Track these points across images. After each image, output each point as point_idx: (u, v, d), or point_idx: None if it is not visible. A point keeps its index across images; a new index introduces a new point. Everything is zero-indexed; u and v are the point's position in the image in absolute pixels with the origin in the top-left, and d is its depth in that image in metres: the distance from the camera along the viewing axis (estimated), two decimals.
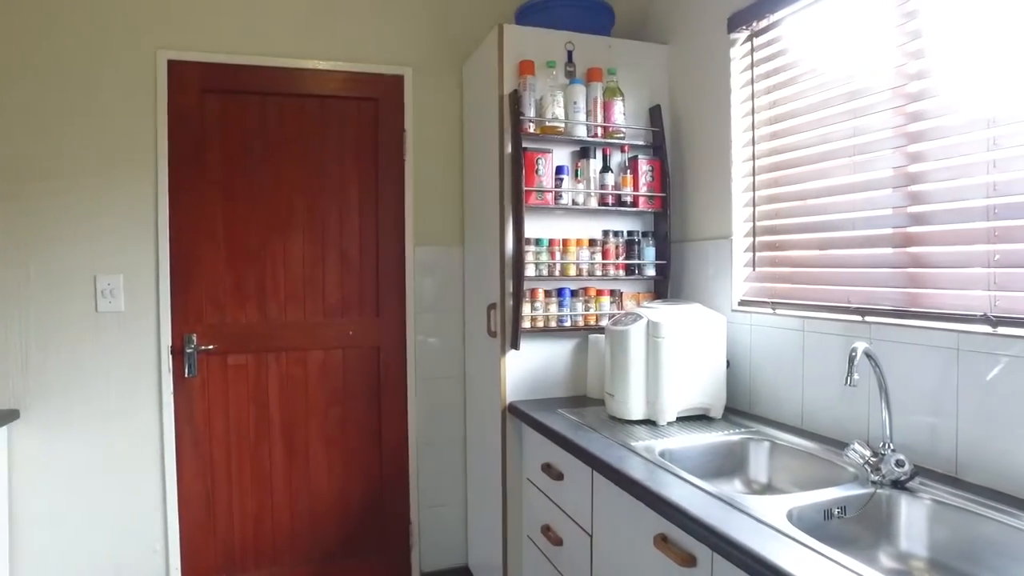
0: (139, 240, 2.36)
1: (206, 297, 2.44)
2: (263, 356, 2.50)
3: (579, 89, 2.22)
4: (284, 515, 2.56)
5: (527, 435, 2.16)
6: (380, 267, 2.62)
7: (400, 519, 2.68)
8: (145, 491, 2.39)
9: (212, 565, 2.47)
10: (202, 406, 2.44)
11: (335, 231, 2.58)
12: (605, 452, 1.59)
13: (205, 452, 2.45)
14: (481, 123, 2.44)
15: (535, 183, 2.19)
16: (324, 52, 2.54)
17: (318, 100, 2.55)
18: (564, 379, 2.30)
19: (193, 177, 2.41)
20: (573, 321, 2.26)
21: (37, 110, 2.27)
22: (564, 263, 2.24)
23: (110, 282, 2.33)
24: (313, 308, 2.56)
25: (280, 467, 2.54)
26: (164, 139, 2.38)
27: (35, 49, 2.27)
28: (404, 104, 2.63)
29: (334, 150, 2.57)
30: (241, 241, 2.48)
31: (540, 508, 2.03)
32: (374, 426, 2.64)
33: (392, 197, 2.63)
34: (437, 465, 2.71)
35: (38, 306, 2.28)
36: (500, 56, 2.21)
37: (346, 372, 2.60)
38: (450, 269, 2.70)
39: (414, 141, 2.64)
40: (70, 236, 2.31)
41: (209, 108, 2.43)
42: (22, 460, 2.27)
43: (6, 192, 2.25)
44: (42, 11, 2.27)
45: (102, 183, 2.33)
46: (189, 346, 2.40)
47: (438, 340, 2.70)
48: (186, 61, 2.40)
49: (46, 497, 2.29)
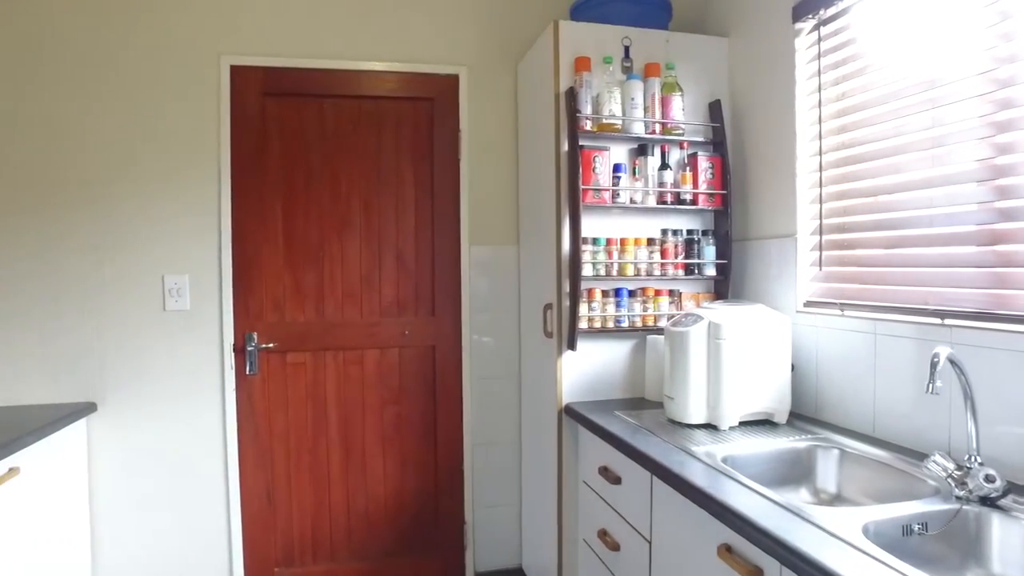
0: (203, 241, 2.44)
1: (266, 296, 2.50)
2: (321, 355, 2.55)
3: (636, 85, 2.17)
4: (341, 511, 2.60)
5: (583, 437, 2.13)
6: (436, 267, 2.63)
7: (454, 518, 2.68)
8: (210, 483, 2.47)
9: (272, 557, 2.54)
10: (262, 403, 2.50)
11: (391, 231, 2.60)
12: (665, 457, 1.55)
13: (265, 447, 2.51)
14: (537, 121, 2.41)
15: (592, 181, 2.15)
16: (380, 53, 2.57)
17: (374, 101, 2.58)
18: (621, 381, 2.26)
19: (254, 179, 2.47)
20: (631, 322, 2.22)
21: (109, 118, 2.37)
22: (622, 263, 2.20)
23: (177, 282, 2.42)
24: (370, 308, 2.59)
25: (337, 464, 2.58)
26: (227, 143, 2.45)
27: (107, 60, 2.36)
28: (459, 104, 2.63)
29: (390, 150, 2.60)
30: (300, 241, 2.53)
31: (596, 511, 2.00)
32: (429, 425, 2.65)
33: (448, 197, 2.63)
34: (492, 465, 2.71)
35: (113, 305, 2.38)
36: (555, 53, 2.19)
37: (402, 371, 2.62)
38: (505, 269, 2.69)
39: (469, 141, 2.64)
40: (141, 238, 2.40)
41: (269, 111, 2.49)
42: (100, 450, 2.38)
43: (83, 198, 2.35)
44: (113, 25, 2.36)
45: (169, 187, 2.41)
46: (250, 344, 2.46)
47: (493, 340, 2.69)
48: (248, 66, 2.46)
49: (121, 486, 2.40)
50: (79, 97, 2.34)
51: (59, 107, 2.33)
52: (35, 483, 2.00)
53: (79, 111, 2.34)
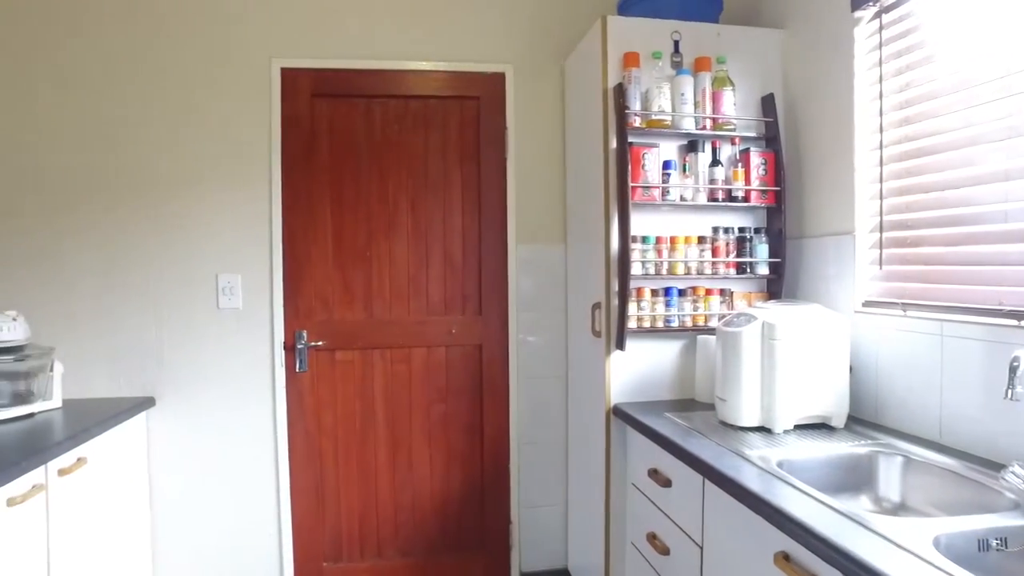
0: (255, 241, 2.49)
1: (316, 295, 2.54)
2: (369, 353, 2.58)
3: (686, 80, 2.13)
4: (388, 507, 2.62)
5: (632, 438, 2.10)
6: (483, 266, 2.63)
7: (500, 518, 2.68)
8: (261, 477, 2.52)
9: (321, 551, 2.58)
10: (312, 400, 2.55)
11: (438, 230, 2.62)
12: (718, 460, 1.51)
13: (314, 444, 2.56)
14: (584, 119, 2.39)
15: (641, 179, 2.12)
16: (427, 53, 2.58)
17: (421, 101, 2.59)
18: (670, 381, 2.22)
19: (304, 180, 2.52)
20: (680, 321, 2.18)
21: (167, 124, 2.44)
22: (671, 261, 2.16)
23: (230, 281, 2.48)
24: (417, 306, 2.61)
25: (384, 461, 2.61)
26: (277, 144, 2.49)
27: (165, 68, 2.44)
28: (506, 102, 2.62)
29: (437, 150, 2.61)
30: (349, 241, 2.56)
31: (645, 514, 1.97)
32: (476, 424, 2.66)
33: (494, 195, 2.63)
34: (538, 465, 2.70)
35: (169, 304, 2.46)
36: (603, 49, 2.16)
37: (449, 370, 2.63)
38: (552, 267, 2.68)
39: (516, 139, 2.64)
40: (196, 238, 2.46)
41: (319, 112, 2.53)
42: (158, 443, 2.46)
43: (142, 200, 2.43)
44: (170, 34, 2.44)
45: (223, 188, 2.47)
46: (300, 342, 2.51)
47: (540, 339, 2.68)
48: (298, 68, 2.51)
49: (177, 477, 2.47)
50: (138, 103, 2.43)
51: (120, 113, 2.41)
52: (100, 472, 2.07)
53: (138, 118, 2.43)
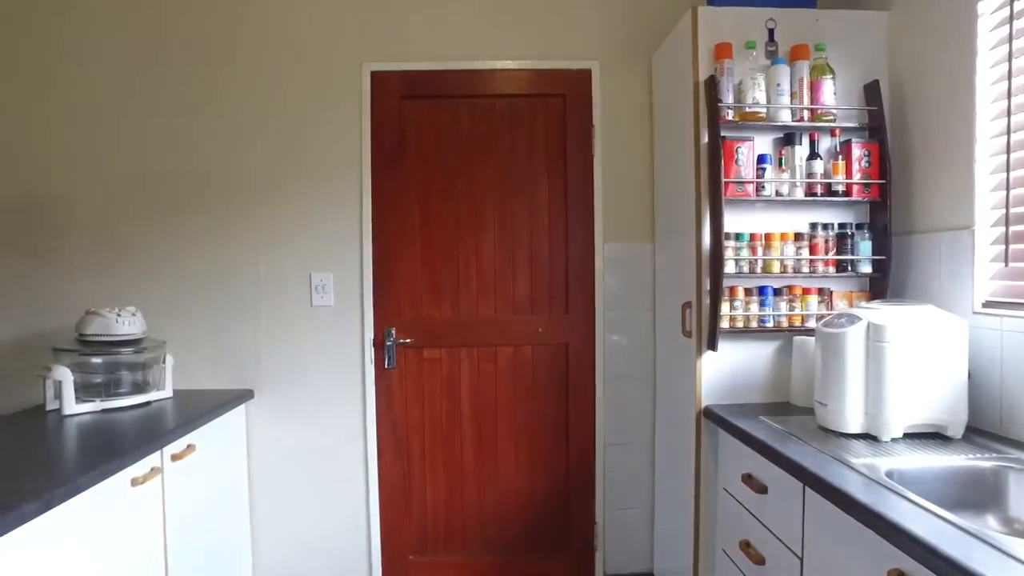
0: (346, 240, 2.58)
1: (404, 293, 2.60)
2: (456, 351, 2.62)
3: (782, 70, 2.04)
4: (473, 504, 2.65)
5: (724, 442, 2.03)
6: (569, 264, 2.62)
7: (585, 518, 2.66)
8: (351, 469, 2.61)
9: (407, 544, 2.64)
10: (400, 396, 2.61)
11: (525, 229, 2.62)
12: (820, 467, 1.44)
13: (402, 439, 2.62)
14: (674, 114, 2.33)
15: (734, 174, 2.05)
16: (513, 52, 2.59)
17: (507, 99, 2.61)
18: (764, 384, 2.13)
19: (392, 181, 2.58)
20: (776, 321, 2.09)
21: (264, 130, 2.56)
22: (766, 259, 2.07)
23: (322, 279, 2.57)
24: (504, 305, 2.62)
25: (470, 458, 2.64)
26: (367, 145, 2.57)
27: (260, 75, 2.56)
28: (592, 98, 2.60)
29: (523, 148, 2.61)
30: (436, 239, 2.60)
31: (738, 521, 1.90)
32: (561, 423, 2.64)
33: (581, 194, 2.61)
34: (624, 466, 2.66)
35: (267, 301, 2.58)
36: (694, 41, 2.10)
37: (535, 368, 2.63)
38: (640, 266, 2.63)
39: (602, 136, 2.61)
40: (291, 238, 2.58)
41: (407, 114, 2.59)
42: (256, 435, 2.59)
43: (241, 203, 2.56)
44: (268, 44, 2.56)
45: (316, 190, 2.57)
46: (389, 339, 2.57)
47: (627, 338, 2.64)
48: (387, 71, 2.57)
49: (273, 467, 2.59)
50: (239, 111, 2.56)
51: (223, 120, 2.55)
52: (207, 458, 2.20)
53: (238, 124, 2.56)
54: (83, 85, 2.53)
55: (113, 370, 2.27)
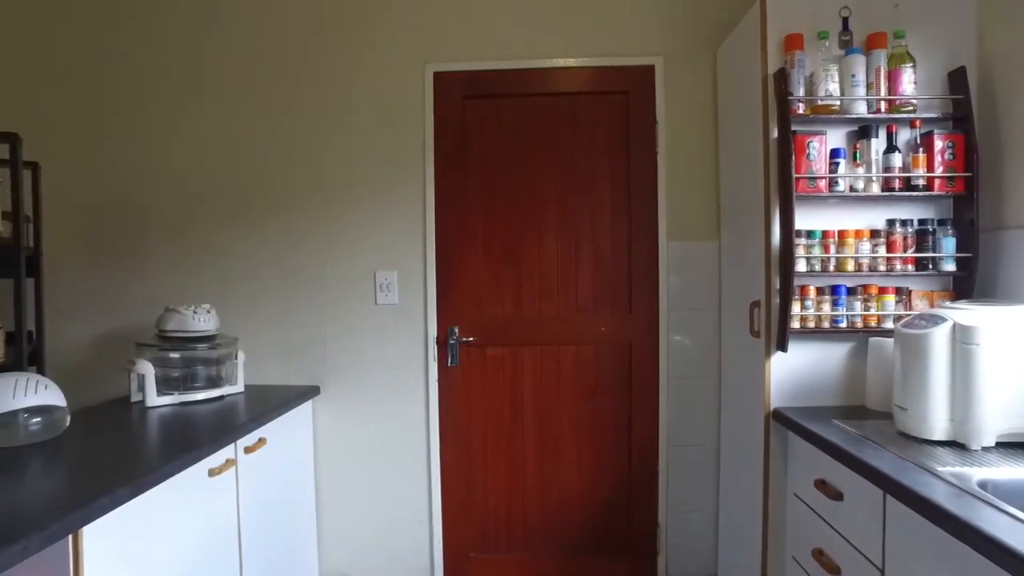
0: (410, 239, 2.62)
1: (467, 292, 2.62)
2: (519, 349, 2.62)
3: (857, 60, 1.96)
4: (534, 504, 2.65)
5: (794, 445, 1.97)
6: (632, 263, 2.59)
7: (647, 521, 2.62)
8: (413, 467, 2.65)
9: (468, 541, 2.66)
10: (463, 394, 2.63)
11: (588, 227, 2.60)
12: (902, 474, 1.37)
13: (464, 436, 2.64)
14: (741, 109, 2.27)
15: (806, 169, 1.98)
16: (574, 49, 2.58)
17: (569, 97, 2.60)
18: (837, 386, 2.05)
19: (455, 180, 2.60)
20: (849, 322, 2.01)
21: (331, 134, 2.63)
22: (840, 257, 1.99)
23: (387, 278, 2.62)
24: (566, 304, 2.61)
25: (532, 457, 2.64)
26: (430, 145, 2.60)
27: (326, 79, 2.63)
28: (655, 95, 2.56)
29: (586, 146, 2.60)
30: (499, 238, 2.61)
31: (810, 528, 1.83)
32: (624, 424, 2.62)
33: (644, 191, 2.57)
34: (688, 468, 2.61)
35: (333, 299, 2.65)
36: (762, 33, 2.04)
37: (598, 368, 2.61)
38: (705, 265, 2.57)
39: (666, 133, 2.57)
40: (356, 238, 2.63)
41: (469, 113, 2.61)
42: (322, 430, 2.66)
43: (310, 204, 2.64)
44: (336, 49, 2.62)
45: (380, 190, 2.62)
46: (452, 338, 2.60)
47: (691, 338, 2.59)
48: (449, 72, 2.60)
49: (338, 461, 2.66)
50: (306, 113, 2.64)
51: (291, 125, 2.64)
52: (276, 452, 2.27)
53: (306, 128, 2.64)
54: (161, 96, 2.66)
55: (189, 365, 2.37)
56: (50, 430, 1.77)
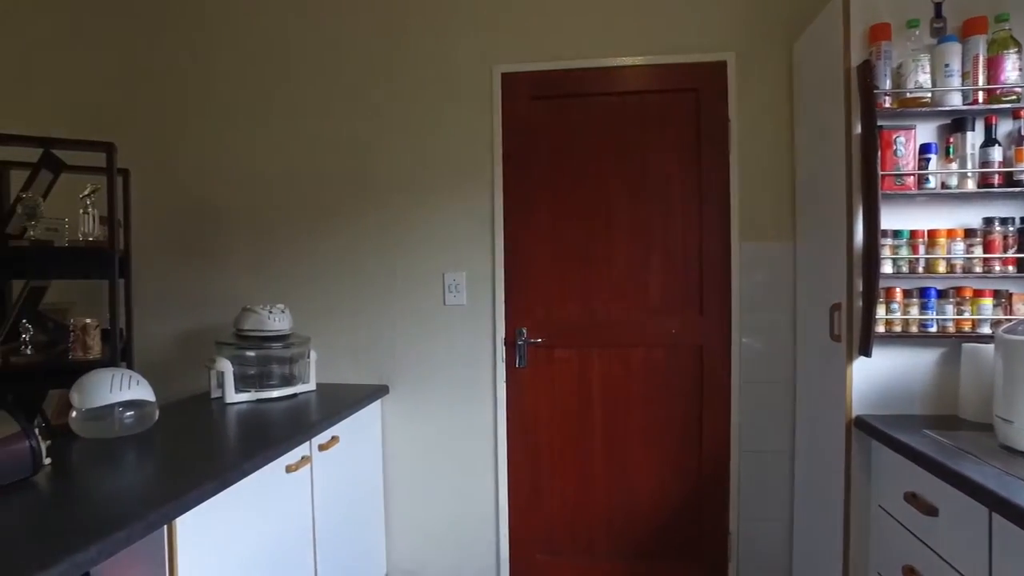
0: (478, 239, 2.63)
1: (536, 292, 2.61)
2: (587, 351, 2.59)
3: (952, 48, 1.85)
4: (601, 506, 2.62)
5: (879, 455, 1.87)
6: (704, 264, 2.52)
7: (718, 528, 2.55)
8: (480, 467, 2.65)
9: (534, 541, 2.65)
10: (530, 395, 2.62)
11: (658, 228, 2.56)
12: (1010, 491, 1.28)
13: (531, 437, 2.63)
14: (820, 104, 2.19)
15: (892, 166, 1.89)
16: (643, 47, 2.54)
17: (638, 96, 2.55)
18: (925, 394, 1.95)
19: (523, 180, 2.60)
20: (940, 326, 1.90)
21: (399, 136, 2.66)
22: (930, 258, 1.89)
23: (455, 278, 2.64)
24: (636, 305, 2.57)
25: (599, 459, 2.61)
26: (499, 147, 2.60)
27: (397, 83, 2.66)
28: (727, 92, 2.49)
29: (655, 145, 2.55)
30: (567, 238, 2.59)
31: (899, 543, 1.74)
32: (694, 428, 2.56)
33: (716, 191, 2.51)
34: (760, 475, 2.53)
35: (401, 299, 2.68)
36: (845, 24, 1.95)
37: (668, 370, 2.56)
38: (779, 266, 2.49)
39: (738, 130, 2.49)
40: (425, 239, 2.66)
41: (537, 114, 2.59)
42: (391, 428, 2.70)
43: (379, 206, 2.68)
44: (401, 50, 2.65)
45: (448, 191, 2.64)
46: (520, 339, 2.59)
47: (765, 341, 2.51)
48: (517, 72, 2.59)
49: (407, 460, 2.69)
50: (377, 118, 2.68)
51: (361, 128, 2.68)
52: (348, 449, 2.32)
53: (377, 130, 2.68)
54: (238, 104, 2.75)
55: (265, 363, 2.44)
56: (141, 423, 1.85)
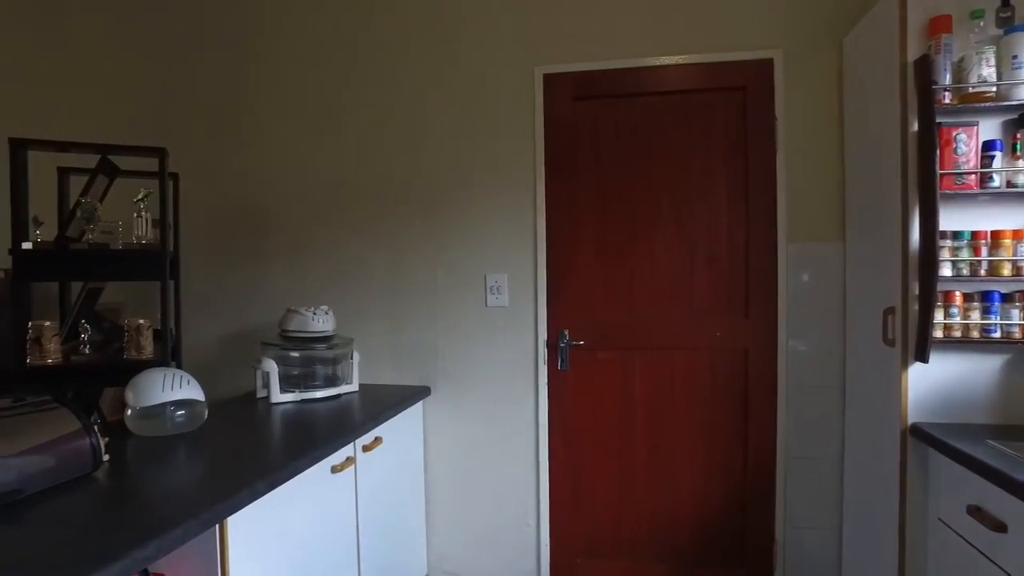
0: (520, 241, 2.62)
1: (578, 295, 2.59)
2: (629, 353, 2.56)
3: (1020, 38, 1.77)
4: (644, 510, 2.59)
5: (938, 465, 1.80)
6: (750, 265, 2.47)
7: (763, 535, 2.50)
8: (522, 470, 2.64)
9: (575, 545, 2.63)
10: (572, 397, 2.60)
11: (702, 228, 2.51)
12: None
13: (573, 440, 2.61)
14: (873, 101, 2.12)
15: (952, 164, 1.82)
16: (686, 45, 2.49)
17: (682, 95, 2.51)
18: (988, 402, 1.87)
19: (565, 182, 2.58)
20: (1004, 332, 1.83)
21: (441, 139, 2.67)
22: (993, 260, 1.82)
23: (497, 280, 2.63)
24: (679, 308, 2.53)
25: (642, 464, 2.58)
26: (541, 147, 2.59)
27: (434, 85, 2.67)
28: (774, 90, 2.43)
29: (700, 145, 2.50)
30: (610, 240, 2.57)
31: (961, 560, 1.67)
32: (739, 433, 2.51)
33: (762, 191, 2.45)
34: (808, 482, 2.46)
35: (444, 301, 2.69)
36: (902, 17, 1.89)
37: (712, 374, 2.51)
38: (828, 267, 2.42)
39: (786, 129, 2.43)
40: (467, 240, 2.66)
41: (580, 114, 2.57)
42: (432, 430, 2.71)
43: (421, 207, 2.69)
44: (443, 54, 2.66)
45: (491, 193, 2.63)
46: (562, 341, 2.57)
47: (813, 345, 2.44)
48: (559, 73, 2.58)
49: (448, 463, 2.70)
50: (417, 121, 2.69)
51: (402, 132, 2.70)
52: (391, 451, 2.33)
53: (416, 135, 2.69)
54: (280, 111, 2.79)
55: (309, 364, 2.47)
56: (192, 422, 1.89)
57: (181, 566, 1.33)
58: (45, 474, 1.35)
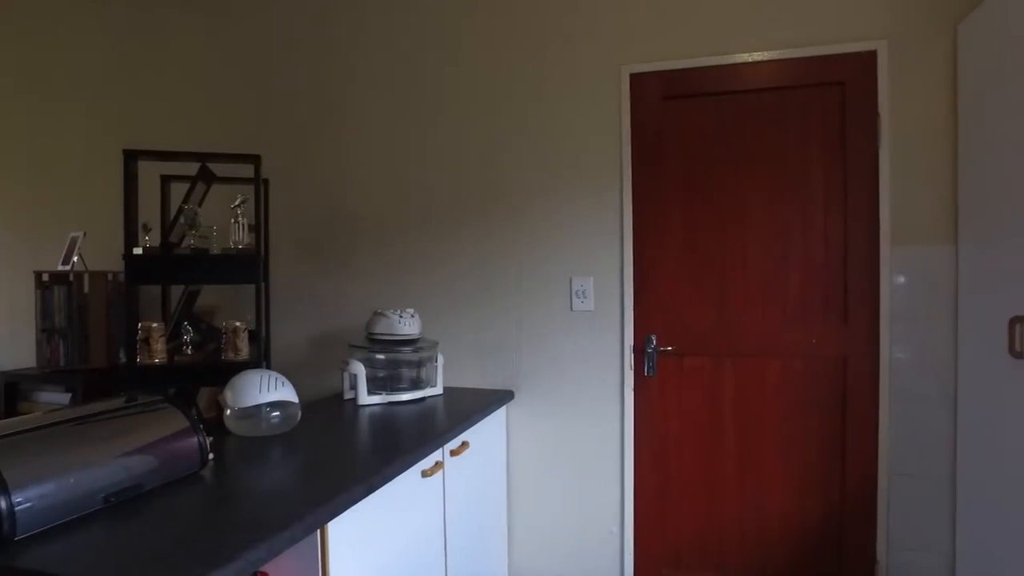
0: (606, 244, 2.57)
1: (666, 299, 2.52)
2: (719, 360, 2.48)
3: None
4: (732, 523, 2.49)
5: None
6: (848, 269, 2.34)
7: (862, 555, 2.36)
8: (606, 478, 2.59)
9: (660, 556, 2.56)
10: (659, 405, 2.54)
11: (796, 231, 2.40)
12: None
13: (659, 448, 2.54)
14: (997, 90, 1.96)
15: None
16: (780, 40, 2.39)
17: (775, 93, 2.41)
18: None
19: (653, 183, 2.52)
20: None
21: (526, 140, 2.66)
22: None
23: (582, 284, 2.59)
24: (772, 314, 2.43)
25: (731, 474, 2.49)
26: (627, 149, 2.54)
27: (525, 86, 2.66)
28: (877, 83, 2.30)
29: (794, 144, 2.39)
30: (700, 244, 2.49)
31: None
32: (836, 446, 2.38)
33: (862, 191, 2.32)
34: (914, 501, 2.31)
35: (527, 304, 2.67)
36: None
37: (807, 383, 2.40)
38: (937, 271, 2.27)
39: (890, 125, 2.29)
40: (551, 243, 2.64)
41: (667, 114, 2.51)
42: (515, 434, 2.69)
43: (505, 209, 2.68)
44: (529, 55, 2.65)
45: (576, 194, 2.60)
46: (649, 346, 2.51)
47: (919, 354, 2.29)
48: (646, 72, 2.52)
49: (530, 466, 2.68)
50: (504, 122, 2.69)
51: (488, 134, 2.70)
52: (476, 455, 2.33)
53: (506, 136, 2.69)
54: (372, 110, 2.84)
55: (395, 367, 2.50)
56: (286, 424, 1.94)
57: (283, 566, 1.35)
58: (160, 471, 1.41)
